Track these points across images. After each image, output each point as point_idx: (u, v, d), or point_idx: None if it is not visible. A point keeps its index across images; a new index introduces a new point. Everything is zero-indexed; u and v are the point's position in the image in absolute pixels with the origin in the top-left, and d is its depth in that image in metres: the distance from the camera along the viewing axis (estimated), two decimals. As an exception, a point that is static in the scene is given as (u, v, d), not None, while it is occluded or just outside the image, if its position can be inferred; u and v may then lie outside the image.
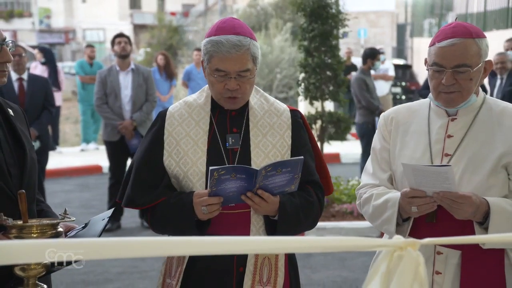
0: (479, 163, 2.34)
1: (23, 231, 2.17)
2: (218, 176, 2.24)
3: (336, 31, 7.08)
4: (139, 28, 40.19)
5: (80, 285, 5.38)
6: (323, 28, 6.97)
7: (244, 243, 1.61)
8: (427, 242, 1.51)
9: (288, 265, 2.48)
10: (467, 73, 2.32)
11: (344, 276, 5.43)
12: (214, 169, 2.23)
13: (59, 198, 8.52)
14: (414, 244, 1.43)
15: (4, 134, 2.36)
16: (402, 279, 1.43)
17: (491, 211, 2.25)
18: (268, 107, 2.56)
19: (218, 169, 2.23)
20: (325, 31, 6.98)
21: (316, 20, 6.99)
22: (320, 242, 1.49)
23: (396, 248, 1.46)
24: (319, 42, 7.01)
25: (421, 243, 1.46)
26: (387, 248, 1.48)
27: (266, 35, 17.41)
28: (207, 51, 2.42)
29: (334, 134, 7.23)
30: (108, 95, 7.05)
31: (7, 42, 2.32)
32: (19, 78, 6.89)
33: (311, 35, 7.01)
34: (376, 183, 2.50)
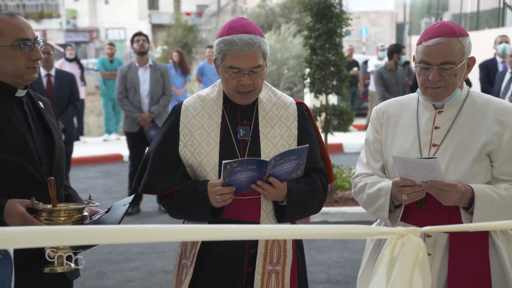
0: (464, 152, 2.35)
1: (52, 214, 2.19)
2: (231, 168, 2.24)
3: (339, 30, 7.06)
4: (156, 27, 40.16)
5: (104, 263, 5.40)
6: (327, 27, 6.95)
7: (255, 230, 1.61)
8: (427, 230, 1.50)
9: (296, 247, 2.49)
10: (452, 70, 2.32)
11: (346, 257, 5.44)
12: (227, 162, 2.23)
13: (84, 184, 8.56)
14: (415, 231, 1.43)
15: (35, 125, 2.36)
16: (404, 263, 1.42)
17: (476, 197, 2.26)
18: (275, 100, 2.56)
19: (231, 162, 2.24)
20: (330, 29, 6.96)
21: (321, 20, 6.97)
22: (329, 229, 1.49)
23: (399, 235, 1.46)
24: (324, 40, 6.99)
25: (421, 230, 1.45)
26: (390, 235, 1.48)
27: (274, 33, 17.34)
28: (220, 50, 2.41)
29: (338, 126, 7.24)
30: (128, 90, 7.07)
31: (38, 41, 2.33)
32: (48, 74, 6.93)
33: (317, 33, 6.99)
34: (369, 172, 2.51)
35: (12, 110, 2.32)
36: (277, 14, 22.54)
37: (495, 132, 2.34)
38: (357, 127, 12.26)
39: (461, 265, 2.32)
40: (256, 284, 2.39)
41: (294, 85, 14.95)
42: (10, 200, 2.19)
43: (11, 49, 2.27)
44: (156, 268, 5.28)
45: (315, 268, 5.10)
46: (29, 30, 2.31)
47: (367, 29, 25.38)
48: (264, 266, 2.41)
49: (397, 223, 2.37)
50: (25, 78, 2.32)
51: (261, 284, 2.39)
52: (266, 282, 2.40)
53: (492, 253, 2.34)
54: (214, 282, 2.42)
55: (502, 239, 2.36)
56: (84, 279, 4.87)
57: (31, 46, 2.29)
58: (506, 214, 2.26)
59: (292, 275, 2.44)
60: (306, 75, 7.26)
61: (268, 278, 2.40)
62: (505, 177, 2.33)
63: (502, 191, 2.28)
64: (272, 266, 2.42)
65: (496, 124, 2.35)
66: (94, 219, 2.32)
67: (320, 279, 4.92)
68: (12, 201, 2.19)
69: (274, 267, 2.42)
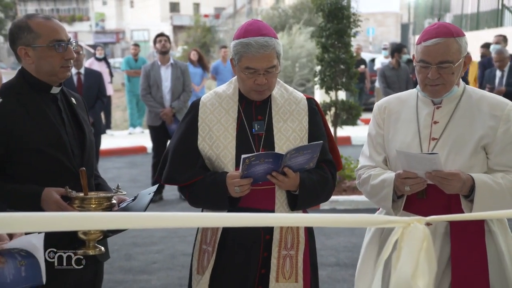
0: (462, 145, 2.34)
1: (84, 202, 2.21)
2: (249, 162, 2.24)
3: (349, 30, 7.03)
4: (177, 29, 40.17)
5: (130, 246, 5.45)
6: (338, 27, 6.92)
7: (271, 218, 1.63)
8: (432, 219, 1.50)
9: (307, 233, 2.50)
10: (450, 68, 2.31)
11: (353, 242, 5.43)
12: (246, 157, 2.24)
13: (111, 173, 8.60)
14: (420, 220, 1.43)
15: (68, 120, 2.39)
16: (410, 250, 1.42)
17: (476, 185, 2.25)
18: (287, 96, 2.55)
19: (249, 156, 2.24)
20: (340, 29, 6.93)
21: (332, 20, 6.94)
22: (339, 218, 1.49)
23: (405, 224, 1.46)
24: (334, 39, 6.96)
25: (426, 220, 1.45)
26: (397, 224, 1.47)
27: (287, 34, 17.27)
28: (237, 52, 2.40)
29: (346, 120, 7.21)
30: (151, 87, 7.09)
31: (71, 42, 2.34)
32: (78, 72, 6.97)
33: (328, 33, 6.96)
34: (372, 165, 2.50)
35: (47, 106, 2.34)
36: (289, 16, 22.45)
37: (490, 126, 2.33)
38: (364, 121, 12.18)
39: (460, 250, 2.32)
40: (272, 267, 2.40)
41: (307, 81, 14.89)
42: (46, 189, 2.22)
43: (47, 49, 2.28)
44: (177, 251, 5.32)
45: (325, 252, 5.11)
46: (63, 32, 2.33)
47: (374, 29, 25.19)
48: (279, 251, 2.41)
49: (400, 212, 2.36)
50: (59, 76, 2.34)
51: (277, 268, 2.40)
52: (282, 266, 2.41)
53: (488, 238, 2.33)
54: (233, 266, 2.43)
55: (498, 226, 2.36)
56: (113, 261, 4.91)
57: (64, 46, 2.31)
58: (503, 201, 2.26)
59: (304, 259, 2.45)
60: (317, 72, 7.24)
61: (283, 262, 2.41)
62: (500, 167, 2.32)
63: (499, 180, 2.28)
64: (286, 251, 2.42)
65: (491, 119, 2.34)
66: (122, 207, 2.33)
67: (329, 262, 4.93)
68: (48, 189, 2.22)
69: (288, 251, 2.43)
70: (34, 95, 2.32)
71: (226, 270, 2.43)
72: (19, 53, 2.31)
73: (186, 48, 24.82)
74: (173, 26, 41.80)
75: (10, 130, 2.23)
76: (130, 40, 40.58)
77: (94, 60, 12.19)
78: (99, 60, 12.17)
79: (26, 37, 2.28)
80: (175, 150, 2.51)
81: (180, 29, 37.51)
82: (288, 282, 2.41)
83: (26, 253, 1.81)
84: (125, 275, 4.78)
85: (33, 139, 2.25)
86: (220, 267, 2.43)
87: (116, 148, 10.64)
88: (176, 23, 42.09)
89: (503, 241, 2.34)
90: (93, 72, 7.32)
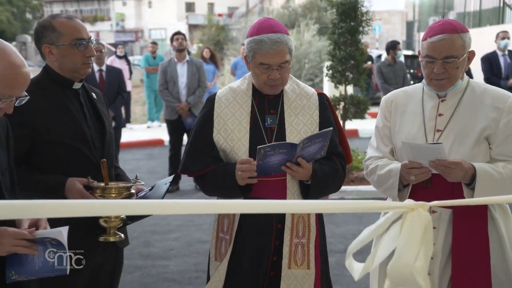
0: (465, 136, 2.33)
1: (105, 191, 2.23)
2: (264, 152, 2.24)
3: (361, 28, 7.01)
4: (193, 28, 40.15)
5: (149, 233, 5.48)
6: (351, 26, 6.90)
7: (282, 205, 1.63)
8: (434, 204, 1.50)
9: (318, 222, 2.49)
10: (454, 63, 2.29)
11: (361, 230, 5.32)
12: (261, 147, 2.23)
13: (130, 165, 8.64)
14: (423, 206, 1.43)
15: (89, 114, 2.40)
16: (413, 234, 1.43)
17: (477, 174, 2.24)
18: (299, 91, 2.54)
19: (264, 147, 2.23)
20: (352, 28, 6.91)
21: (345, 19, 6.92)
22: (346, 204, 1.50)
23: (408, 209, 1.46)
24: (347, 37, 6.94)
25: (429, 205, 1.45)
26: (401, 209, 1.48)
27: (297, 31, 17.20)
28: (251, 49, 2.39)
29: (354, 113, 7.19)
30: (168, 82, 7.10)
31: (91, 40, 2.35)
32: (100, 69, 7.00)
33: (340, 31, 6.94)
34: (380, 155, 2.49)
35: (70, 101, 2.35)
36: (299, 14, 22.35)
37: (493, 117, 2.32)
38: (371, 115, 12.12)
39: (464, 236, 2.31)
40: (284, 255, 2.39)
41: (315, 76, 14.84)
42: (70, 179, 2.24)
43: (69, 47, 2.30)
44: (193, 239, 5.33)
45: (334, 239, 5.10)
46: (84, 30, 2.34)
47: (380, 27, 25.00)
48: (291, 239, 2.41)
49: (407, 200, 2.35)
50: (80, 72, 2.35)
51: (289, 255, 2.40)
52: (294, 253, 2.40)
53: (490, 225, 2.32)
54: (247, 253, 2.43)
55: (500, 212, 2.35)
56: (133, 247, 4.94)
57: (85, 44, 2.32)
58: (503, 189, 2.24)
59: (315, 246, 2.44)
60: (328, 67, 7.22)
61: (295, 250, 2.40)
62: (502, 157, 2.31)
63: (500, 169, 2.27)
64: (298, 239, 2.42)
65: (493, 111, 2.32)
66: (140, 196, 2.35)
67: (338, 249, 4.92)
68: (72, 179, 2.24)
69: (300, 240, 2.42)
70: (58, 91, 2.33)
71: (241, 257, 2.43)
72: (44, 51, 2.33)
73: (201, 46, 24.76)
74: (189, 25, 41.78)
75: (36, 124, 2.24)
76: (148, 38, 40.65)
77: (115, 57, 12.25)
78: (120, 57, 12.23)
79: (50, 36, 2.30)
80: (191, 142, 2.52)
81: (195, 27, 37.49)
82: (300, 268, 2.40)
83: (57, 242, 1.83)
84: (144, 261, 4.81)
85: (57, 132, 2.27)
86: (235, 254, 2.43)
87: (135, 141, 10.68)
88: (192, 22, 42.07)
89: (504, 227, 2.33)
90: (114, 69, 7.34)
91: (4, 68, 1.72)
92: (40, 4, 44.48)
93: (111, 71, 7.12)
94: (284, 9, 24.39)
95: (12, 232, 1.78)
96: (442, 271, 2.32)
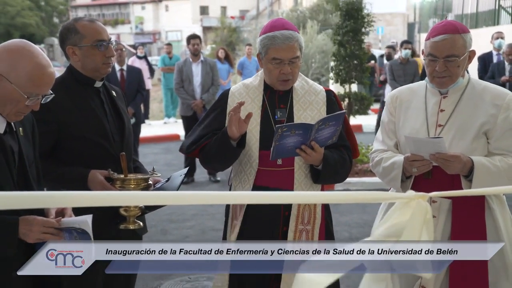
0: (465, 131, 2.31)
1: (124, 182, 2.23)
2: (281, 132, 2.21)
3: (364, 29, 6.97)
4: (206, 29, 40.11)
5: (166, 222, 5.50)
6: (354, 26, 6.86)
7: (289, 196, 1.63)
8: (433, 195, 1.49)
9: (324, 211, 2.47)
10: (455, 62, 2.28)
11: (365, 219, 5.41)
12: (278, 126, 2.21)
13: (149, 158, 8.68)
14: (423, 196, 1.42)
15: (109, 110, 2.41)
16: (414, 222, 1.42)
17: (475, 166, 2.23)
18: (308, 88, 2.53)
19: (282, 126, 2.21)
20: (356, 28, 6.88)
21: (349, 19, 6.89)
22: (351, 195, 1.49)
23: (409, 199, 1.45)
24: (350, 37, 6.91)
25: (429, 195, 1.44)
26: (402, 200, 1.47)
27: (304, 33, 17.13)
28: (264, 45, 2.39)
29: (358, 110, 7.16)
30: (184, 81, 7.13)
31: (111, 42, 2.36)
32: (121, 69, 7.05)
33: (344, 30, 6.91)
34: (385, 149, 2.48)
35: (91, 98, 2.36)
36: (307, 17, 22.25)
37: (491, 114, 2.30)
38: (374, 111, 12.06)
39: (462, 225, 2.30)
40: (289, 240, 2.39)
41: (322, 75, 14.78)
42: (92, 171, 2.25)
43: (91, 48, 2.31)
44: (207, 227, 5.35)
45: (339, 228, 5.09)
46: (105, 32, 2.35)
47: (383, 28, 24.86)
48: (296, 225, 2.40)
49: (408, 191, 2.34)
50: (101, 71, 2.36)
51: (294, 240, 2.39)
52: (298, 239, 2.40)
53: (487, 214, 2.31)
54: (256, 238, 2.42)
55: (496, 203, 2.33)
56: (151, 235, 4.94)
57: (106, 46, 2.32)
58: (499, 181, 2.23)
59: (320, 234, 2.43)
60: (333, 66, 7.19)
61: (299, 235, 2.40)
62: (499, 151, 2.30)
63: (497, 162, 2.26)
64: (303, 225, 2.41)
65: (492, 107, 2.31)
66: (157, 187, 2.35)
67: (343, 237, 4.91)
68: (94, 171, 2.25)
69: (305, 226, 2.41)
70: (80, 89, 2.34)
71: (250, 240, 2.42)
72: (68, 52, 2.34)
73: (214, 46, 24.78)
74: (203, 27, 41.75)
75: (60, 120, 2.26)
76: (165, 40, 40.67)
77: (135, 58, 12.30)
78: (140, 58, 12.28)
79: (73, 38, 2.31)
80: (199, 129, 2.50)
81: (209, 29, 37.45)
82: None
83: (82, 230, 1.83)
84: (162, 247, 4.84)
85: (80, 127, 2.28)
86: (245, 239, 2.43)
87: (153, 136, 10.72)
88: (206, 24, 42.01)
89: (501, 217, 2.32)
90: (134, 69, 7.38)
91: (32, 68, 1.78)
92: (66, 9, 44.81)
93: (131, 71, 7.16)
94: (292, 11, 24.31)
95: (41, 220, 1.80)
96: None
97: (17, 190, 1.86)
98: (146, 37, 45.18)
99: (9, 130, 1.88)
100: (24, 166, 1.91)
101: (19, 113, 1.84)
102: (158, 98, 17.13)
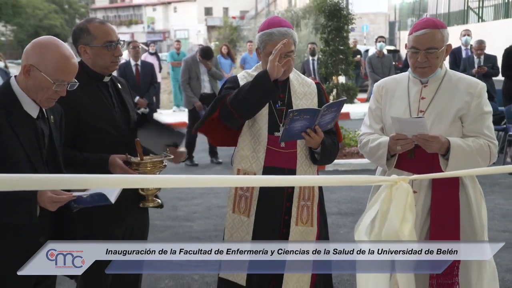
0: (443, 116, 2.32)
1: (140, 165, 2.21)
2: (292, 116, 2.20)
3: (346, 27, 6.95)
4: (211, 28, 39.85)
5: (176, 199, 5.52)
6: (337, 24, 6.84)
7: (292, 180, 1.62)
8: (414, 178, 1.50)
9: (319, 189, 2.49)
10: (435, 54, 2.28)
11: (352, 196, 5.42)
12: (290, 111, 2.20)
13: (161, 143, 8.64)
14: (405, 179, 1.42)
15: (116, 102, 2.38)
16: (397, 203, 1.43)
17: (451, 146, 2.24)
18: (301, 80, 2.53)
19: (293, 110, 2.20)
20: (339, 27, 6.85)
21: (332, 19, 6.86)
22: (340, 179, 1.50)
23: (392, 182, 1.46)
24: (334, 34, 6.88)
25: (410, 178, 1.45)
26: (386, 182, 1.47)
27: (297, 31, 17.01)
28: (262, 41, 2.37)
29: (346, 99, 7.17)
30: (191, 78, 7.12)
31: (120, 42, 2.32)
32: (136, 64, 7.04)
33: (329, 29, 6.88)
34: (371, 132, 2.48)
35: (101, 92, 2.33)
36: (300, 16, 22.08)
37: (466, 101, 2.31)
38: (360, 100, 12.03)
39: (440, 199, 2.32)
40: (293, 214, 2.40)
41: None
42: (111, 156, 2.23)
43: (101, 48, 2.27)
44: (213, 204, 5.37)
45: (329, 204, 5.10)
46: (114, 33, 2.31)
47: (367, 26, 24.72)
48: (299, 201, 2.41)
49: (392, 168, 2.36)
50: (110, 69, 2.33)
51: (297, 215, 2.40)
52: (300, 213, 2.41)
53: (461, 190, 2.33)
54: (263, 212, 2.41)
55: (469, 179, 2.36)
56: (163, 211, 4.98)
57: (115, 46, 2.29)
58: (472, 159, 2.25)
59: (317, 208, 2.45)
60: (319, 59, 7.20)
61: (301, 210, 2.41)
62: (471, 133, 2.32)
63: (470, 143, 2.28)
64: (304, 201, 2.42)
65: (467, 95, 2.32)
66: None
67: (333, 211, 4.93)
68: (113, 156, 2.23)
69: (306, 202, 2.42)
70: (92, 84, 2.31)
71: (259, 216, 2.40)
72: (80, 50, 2.32)
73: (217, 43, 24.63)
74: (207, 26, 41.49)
75: (78, 112, 2.24)
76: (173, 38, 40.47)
77: (148, 54, 12.26)
78: (151, 54, 12.26)
79: (85, 38, 2.27)
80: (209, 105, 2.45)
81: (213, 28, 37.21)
82: (305, 226, 2.41)
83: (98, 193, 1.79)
84: (172, 222, 4.86)
85: (94, 119, 2.25)
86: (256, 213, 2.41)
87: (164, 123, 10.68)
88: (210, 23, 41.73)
89: (472, 191, 2.35)
90: (147, 64, 7.36)
91: (58, 58, 1.87)
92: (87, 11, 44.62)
93: (145, 65, 7.17)
94: (287, 12, 24.13)
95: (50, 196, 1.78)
96: (422, 227, 2.33)
97: (47, 170, 1.89)
98: (157, 36, 44.93)
99: (41, 116, 1.93)
100: (54, 148, 1.96)
101: (50, 99, 1.90)
102: (168, 90, 17.05)
